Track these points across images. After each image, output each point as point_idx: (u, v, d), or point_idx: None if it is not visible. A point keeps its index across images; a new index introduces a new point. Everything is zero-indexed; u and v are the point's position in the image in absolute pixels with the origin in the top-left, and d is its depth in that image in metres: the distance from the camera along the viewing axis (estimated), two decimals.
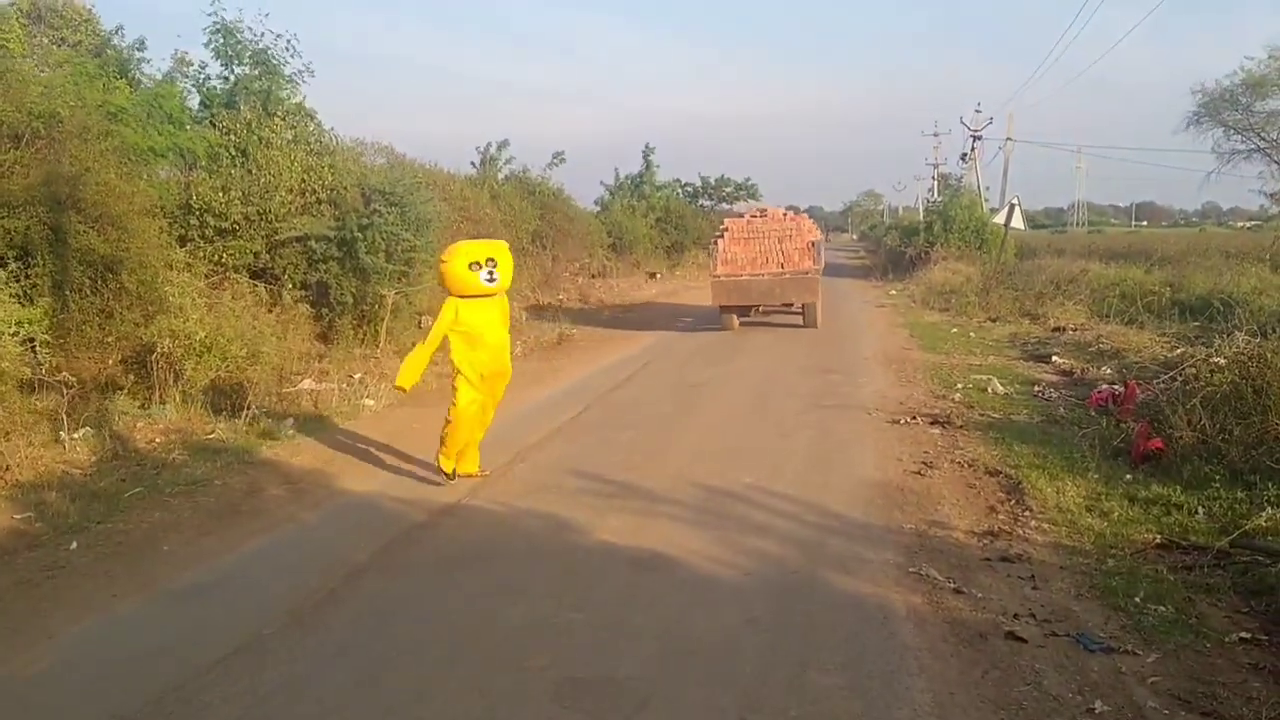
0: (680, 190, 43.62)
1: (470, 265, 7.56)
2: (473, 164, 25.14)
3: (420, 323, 15.62)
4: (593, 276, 28.27)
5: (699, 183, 44.39)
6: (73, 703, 4.24)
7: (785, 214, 19.59)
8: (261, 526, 6.74)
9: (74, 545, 6.30)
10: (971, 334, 18.12)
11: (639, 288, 29.76)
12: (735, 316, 19.37)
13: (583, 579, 5.61)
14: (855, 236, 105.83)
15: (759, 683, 4.24)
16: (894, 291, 28.38)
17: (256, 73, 15.76)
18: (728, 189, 44.21)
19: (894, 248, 40.11)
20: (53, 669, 4.59)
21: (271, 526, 6.69)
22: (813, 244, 18.60)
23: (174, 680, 4.36)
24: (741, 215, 20.42)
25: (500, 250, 7.85)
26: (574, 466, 8.16)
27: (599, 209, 37.35)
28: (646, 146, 41.53)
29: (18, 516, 6.82)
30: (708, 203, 44.33)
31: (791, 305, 19.70)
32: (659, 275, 34.28)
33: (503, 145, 25.22)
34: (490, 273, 7.58)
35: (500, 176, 24.57)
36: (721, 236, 19.09)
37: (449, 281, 7.70)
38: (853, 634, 4.78)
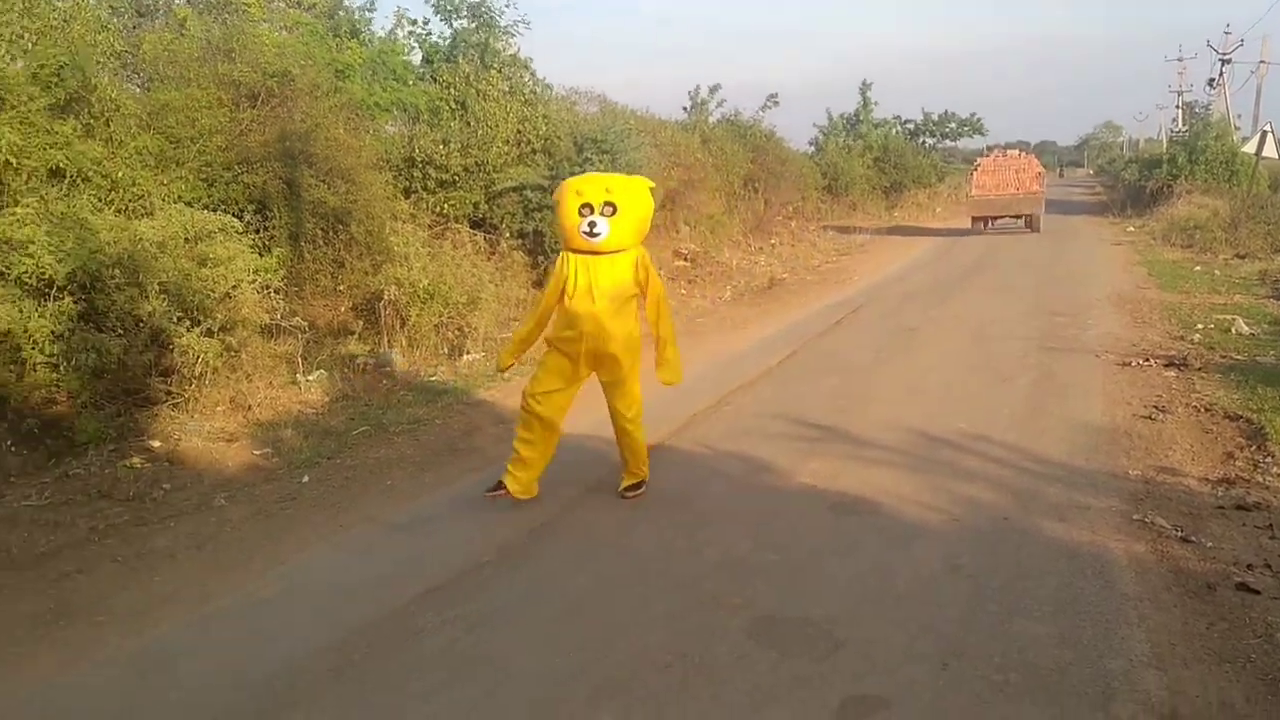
0: (899, 128, 42.00)
1: (581, 209, 5.60)
2: (684, 109, 25.05)
3: None
4: (806, 220, 27.75)
5: (920, 119, 42.57)
6: (301, 623, 4.48)
7: (1019, 153, 27.84)
8: (477, 464, 6.95)
9: (306, 479, 6.69)
10: (1216, 272, 16.78)
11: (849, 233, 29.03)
12: (984, 224, 27.01)
13: (781, 521, 5.51)
14: (1091, 171, 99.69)
15: (961, 629, 4.03)
16: (1131, 228, 26.59)
17: (474, 26, 16.17)
18: (951, 125, 42.20)
19: (1133, 182, 37.56)
20: (284, 592, 4.88)
21: (485, 464, 6.88)
22: (1038, 174, 26.46)
23: (393, 606, 4.54)
24: (988, 155, 28.55)
25: (622, 189, 5.65)
26: (777, 411, 8.00)
27: (814, 150, 36.51)
28: (863, 83, 40.12)
29: (257, 452, 7.30)
30: (930, 140, 42.49)
31: (1021, 217, 26.79)
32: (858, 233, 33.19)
33: (714, 89, 24.97)
34: (593, 223, 5.54)
35: (711, 120, 24.37)
36: (976, 169, 27.23)
37: (559, 227, 5.90)
38: (1065, 582, 4.48)
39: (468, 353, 10.45)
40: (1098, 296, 14.02)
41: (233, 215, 9.13)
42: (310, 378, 9.14)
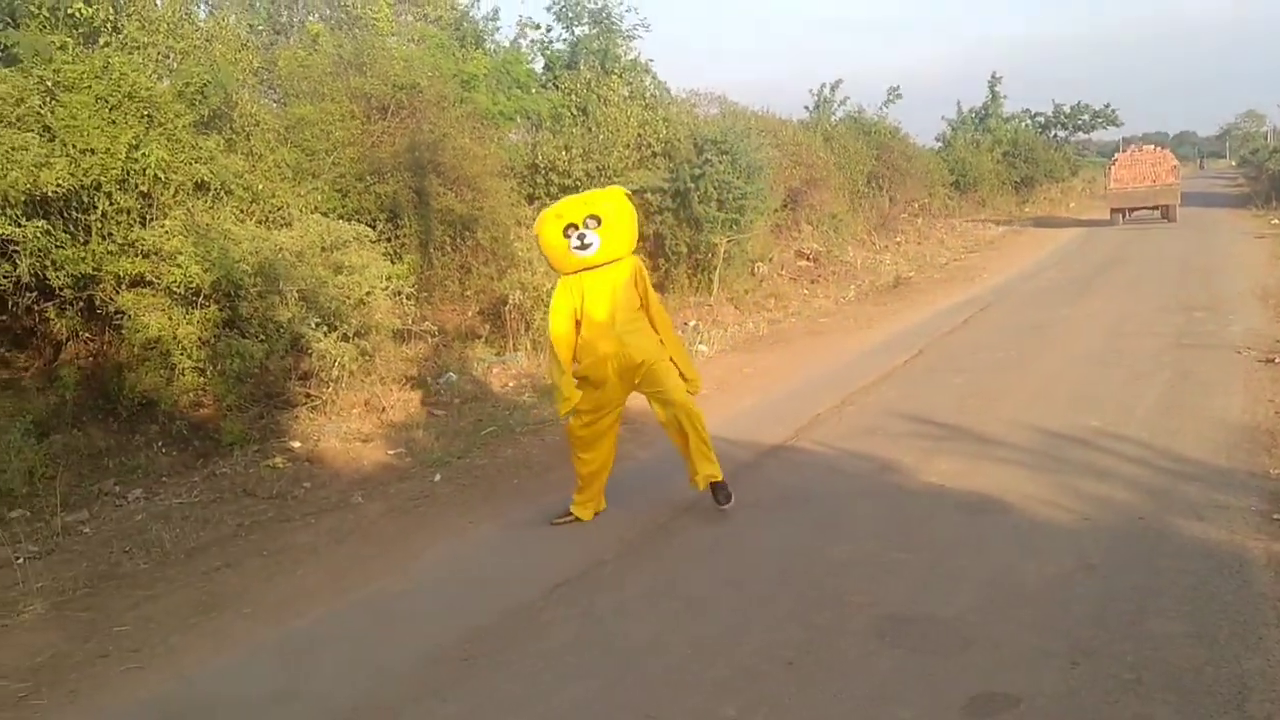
0: (1030, 121, 40.85)
1: (565, 230, 5.52)
2: (806, 108, 24.90)
3: (754, 269, 15.76)
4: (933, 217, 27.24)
5: (1051, 112, 41.27)
6: (434, 615, 4.62)
7: (1155, 149, 29.43)
8: None
9: (437, 478, 6.89)
10: None
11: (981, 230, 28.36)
12: (1122, 215, 28.00)
13: (908, 520, 5.43)
14: (1233, 163, 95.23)
15: (1092, 627, 3.91)
16: (1276, 220, 25.34)
17: (595, 32, 16.38)
18: (1084, 117, 40.80)
19: (1277, 173, 35.77)
20: (417, 585, 5.04)
21: None
22: (1173, 167, 27.92)
23: (521, 600, 4.65)
24: (1124, 151, 30.09)
25: (603, 201, 5.67)
26: (902, 410, 7.88)
27: (941, 145, 35.78)
28: (992, 76, 39.12)
29: (391, 452, 7.55)
30: (1062, 133, 41.20)
31: (1157, 208, 27.72)
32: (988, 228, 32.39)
33: (836, 86, 24.77)
34: (582, 236, 5.47)
35: (834, 118, 24.16)
36: (1113, 164, 28.96)
37: (547, 257, 5.91)
38: (1201, 581, 4.31)
39: None
40: (1239, 291, 13.39)
41: (366, 224, 9.46)
42: (440, 381, 9.40)
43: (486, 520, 6.00)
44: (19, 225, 7.02)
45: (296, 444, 7.70)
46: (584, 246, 5.48)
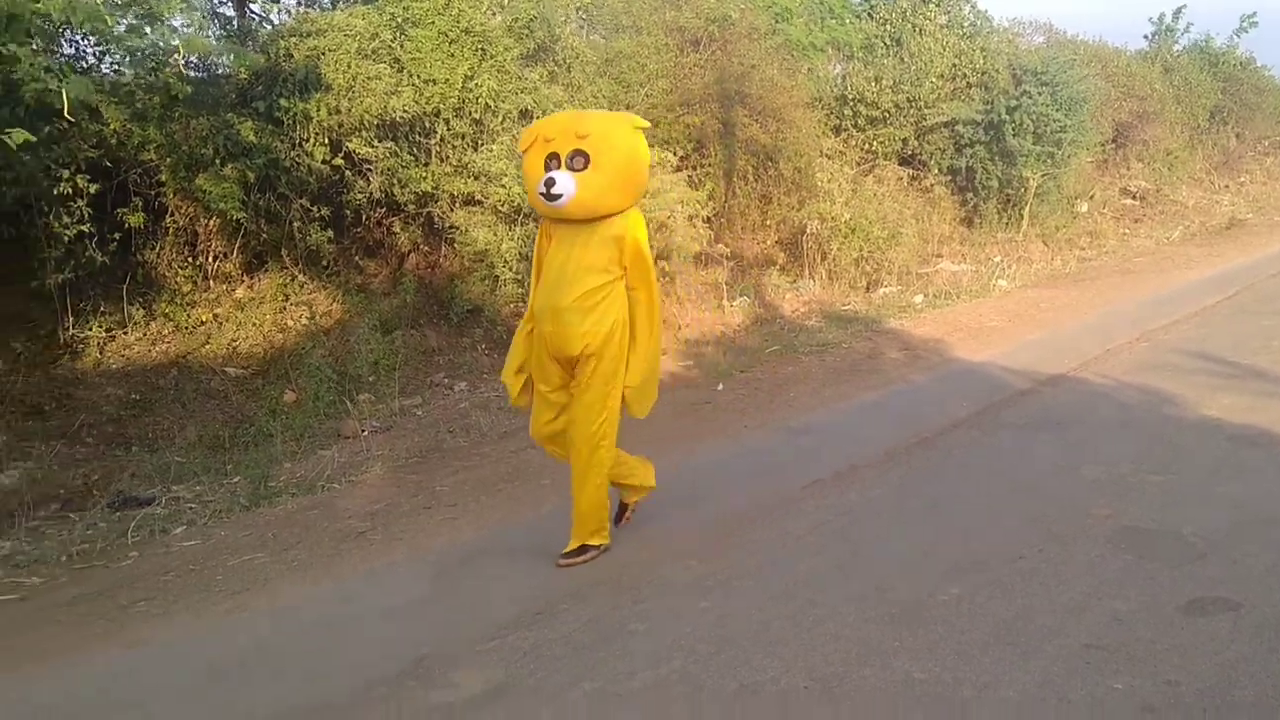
0: None
1: (547, 161, 3.95)
2: (1145, 37, 23.13)
3: (1071, 206, 15.14)
4: None
5: None
6: (694, 498, 5.04)
7: None
8: (875, 384, 7.30)
9: (720, 387, 7.40)
10: None
11: None
12: None
13: (1170, 448, 5.40)
14: None
15: None
16: None
17: None
18: None
19: None
20: (690, 474, 5.49)
21: (884, 384, 7.22)
22: None
23: (780, 493, 5.04)
24: None
25: (603, 130, 4.00)
26: (1198, 349, 7.59)
27: None
28: None
29: (682, 364, 8.13)
30: None
31: None
32: None
33: (1178, 13, 22.85)
34: (549, 181, 3.88)
35: (1175, 48, 22.35)
36: None
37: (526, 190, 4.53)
38: None
39: (884, 286, 10.73)
40: None
41: (671, 154, 10.02)
42: (733, 303, 9.89)
43: (760, 425, 6.42)
44: (372, 146, 8.10)
45: None
46: (550, 196, 3.90)
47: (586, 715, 3.01)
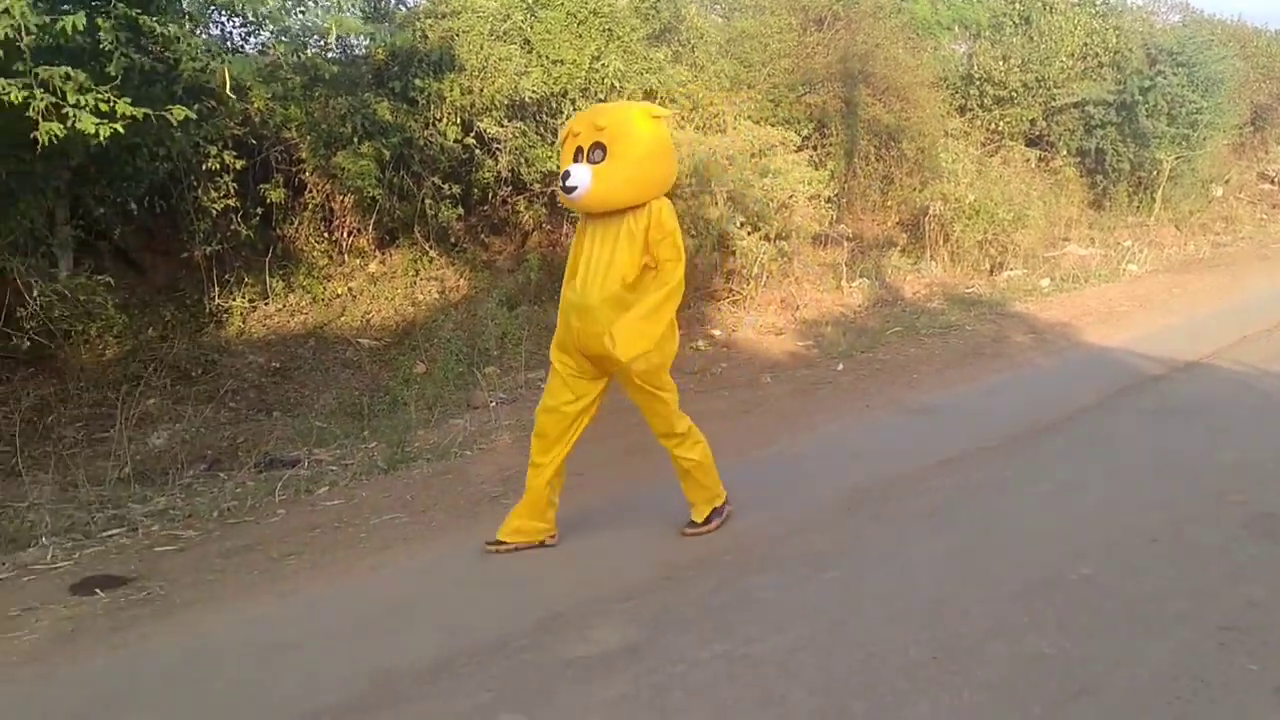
0: None
1: (575, 154, 3.90)
2: None
3: (1206, 190, 14.65)
4: None
5: None
6: (827, 473, 5.12)
7: None
8: (1000, 367, 7.24)
9: (840, 367, 7.41)
10: None
11: None
12: None
13: None
14: None
15: None
16: None
17: None
18: None
19: None
20: (811, 451, 5.59)
21: (1009, 367, 7.15)
22: None
23: (903, 471, 5.05)
24: None
25: (618, 120, 3.91)
26: None
27: None
28: None
29: (800, 344, 8.16)
30: None
31: None
32: None
33: None
34: (566, 174, 3.86)
35: None
36: None
37: None
38: None
39: (1008, 269, 10.56)
40: None
41: (792, 132, 10.02)
42: (853, 284, 9.86)
43: (881, 405, 6.43)
44: (502, 126, 8.31)
45: (717, 332, 8.51)
46: (566, 188, 3.87)
47: (719, 676, 3.11)
